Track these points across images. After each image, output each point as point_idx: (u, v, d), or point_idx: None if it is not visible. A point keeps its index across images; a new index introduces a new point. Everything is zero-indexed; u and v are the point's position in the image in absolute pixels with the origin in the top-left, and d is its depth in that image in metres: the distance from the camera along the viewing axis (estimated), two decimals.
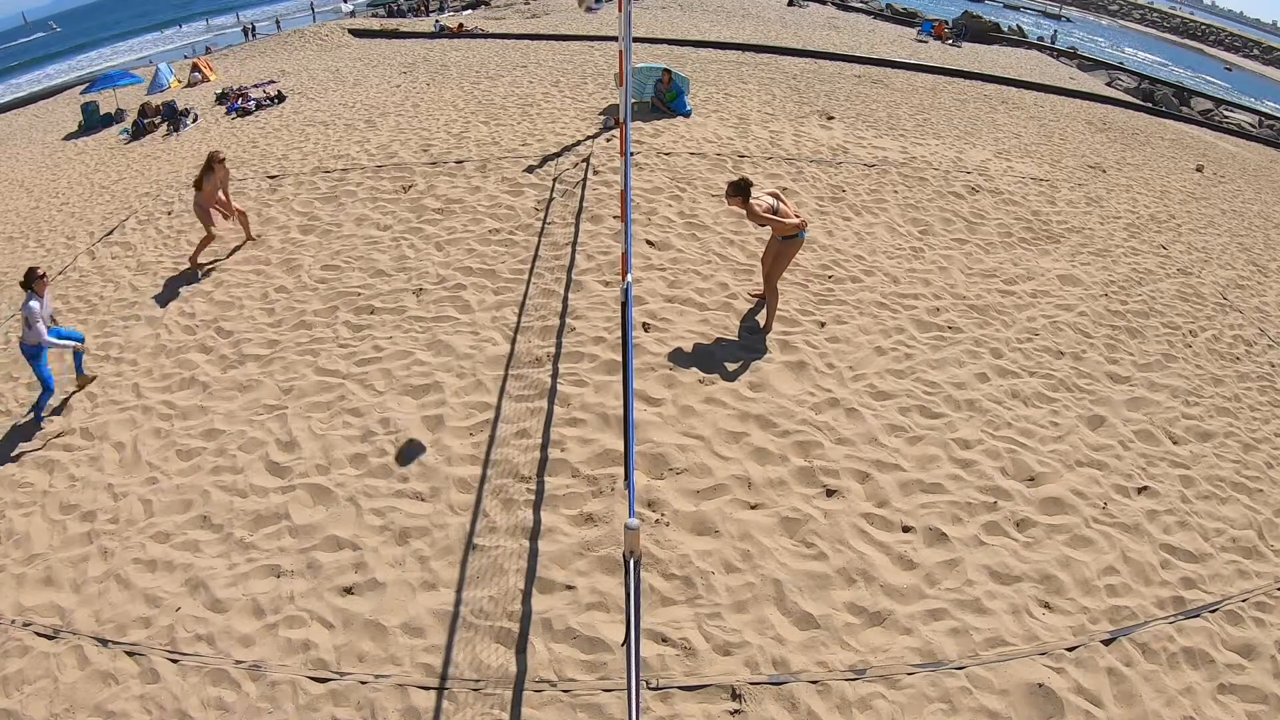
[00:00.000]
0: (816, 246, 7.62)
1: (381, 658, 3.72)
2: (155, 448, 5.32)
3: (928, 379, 5.80)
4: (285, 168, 10.21)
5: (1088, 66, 27.57)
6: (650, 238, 7.49)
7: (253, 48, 26.94)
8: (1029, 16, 54.68)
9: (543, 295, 6.57)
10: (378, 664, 3.70)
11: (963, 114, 14.05)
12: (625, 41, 4.38)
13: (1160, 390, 6.09)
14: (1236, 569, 4.53)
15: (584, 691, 3.54)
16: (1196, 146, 16.10)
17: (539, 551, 4.22)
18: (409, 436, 5.05)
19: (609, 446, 4.88)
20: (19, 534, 4.72)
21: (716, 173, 9.16)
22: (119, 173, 12.23)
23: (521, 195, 8.51)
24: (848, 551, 4.31)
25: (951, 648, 3.82)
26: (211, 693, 3.61)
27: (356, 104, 13.42)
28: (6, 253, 9.48)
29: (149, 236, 8.74)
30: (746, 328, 6.17)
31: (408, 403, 5.41)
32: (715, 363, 5.74)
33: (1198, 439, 5.61)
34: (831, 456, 4.95)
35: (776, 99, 13.18)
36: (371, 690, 3.57)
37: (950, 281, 7.26)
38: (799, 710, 3.50)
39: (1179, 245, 9.10)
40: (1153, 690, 3.73)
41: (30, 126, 19.68)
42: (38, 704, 3.63)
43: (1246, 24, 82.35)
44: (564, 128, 10.79)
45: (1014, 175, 10.41)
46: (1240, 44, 60.68)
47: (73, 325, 7.03)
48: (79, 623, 4.05)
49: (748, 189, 5.50)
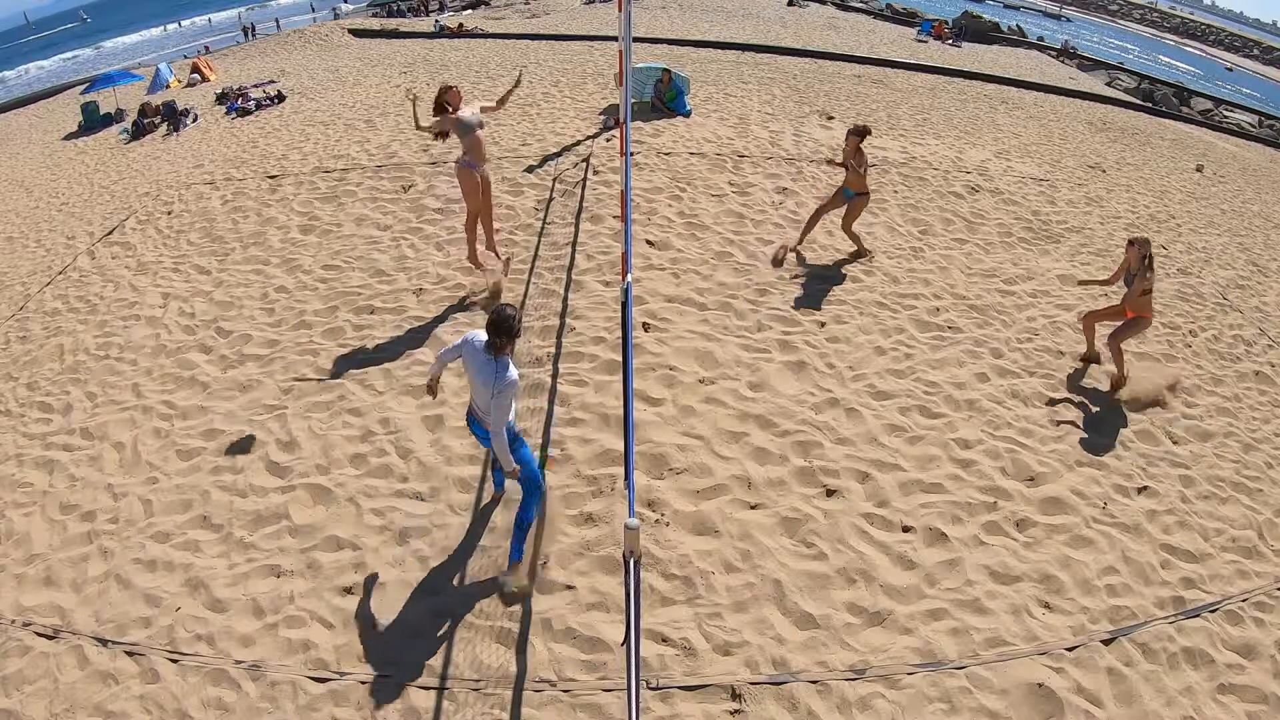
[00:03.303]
0: (817, 246, 7.62)
1: (382, 658, 3.72)
2: (155, 448, 5.31)
3: (928, 379, 5.80)
4: (285, 168, 10.20)
5: (1088, 66, 27.56)
6: (650, 238, 7.49)
7: (252, 48, 26.94)
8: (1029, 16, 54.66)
9: (543, 295, 6.57)
10: (378, 664, 3.70)
11: (963, 114, 14.04)
12: (625, 41, 4.37)
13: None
14: (1236, 569, 4.53)
15: (584, 691, 3.54)
16: (1196, 146, 16.10)
17: (539, 551, 4.22)
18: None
19: (609, 446, 4.88)
20: (19, 534, 4.72)
21: (716, 173, 9.16)
22: (119, 173, 12.23)
23: (521, 195, 8.51)
24: (848, 551, 4.31)
25: (951, 648, 3.82)
26: (211, 693, 3.61)
27: (356, 104, 13.42)
28: (6, 253, 9.48)
29: (149, 236, 8.73)
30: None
31: (408, 403, 5.41)
32: (715, 363, 5.74)
33: (1198, 439, 5.61)
34: (831, 456, 4.95)
35: (776, 99, 13.18)
36: (371, 690, 3.57)
37: (950, 281, 7.25)
38: (799, 710, 3.50)
39: (1179, 245, 9.10)
40: (1153, 690, 3.73)
41: (30, 126, 19.67)
42: (38, 704, 3.63)
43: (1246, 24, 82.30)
44: (564, 128, 10.79)
45: (1014, 175, 10.41)
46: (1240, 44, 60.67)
47: (73, 325, 7.04)
48: (79, 623, 4.05)
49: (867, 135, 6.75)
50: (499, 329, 3.51)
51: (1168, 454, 5.40)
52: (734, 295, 6.63)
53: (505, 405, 3.57)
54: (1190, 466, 5.30)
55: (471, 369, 3.71)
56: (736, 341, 6.01)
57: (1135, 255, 5.52)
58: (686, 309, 6.39)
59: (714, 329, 6.14)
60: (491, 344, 3.55)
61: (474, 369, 3.68)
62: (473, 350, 3.67)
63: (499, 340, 3.53)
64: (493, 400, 3.56)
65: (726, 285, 6.78)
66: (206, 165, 11.14)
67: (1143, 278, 5.49)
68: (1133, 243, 5.57)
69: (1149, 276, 5.49)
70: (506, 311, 3.54)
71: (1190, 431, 5.67)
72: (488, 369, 3.58)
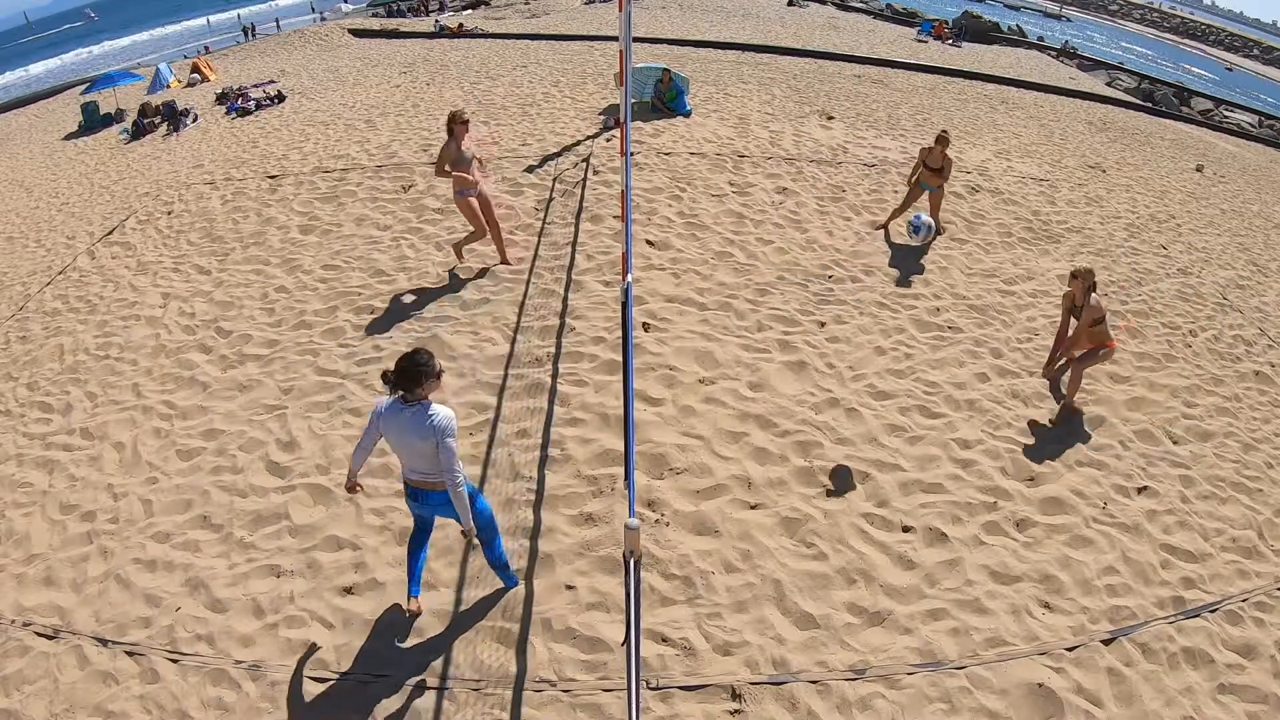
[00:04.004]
0: (817, 246, 7.63)
1: (382, 658, 3.72)
2: (155, 448, 5.31)
3: (928, 379, 5.80)
4: (285, 168, 10.20)
5: (1088, 66, 27.55)
6: (650, 238, 7.49)
7: (253, 48, 26.96)
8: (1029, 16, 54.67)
9: (543, 295, 6.57)
10: (378, 664, 3.70)
11: (963, 114, 14.05)
12: (625, 41, 4.37)
13: (1160, 390, 6.08)
14: (1236, 569, 4.53)
15: (584, 691, 3.54)
16: (1196, 146, 16.10)
17: (539, 551, 4.22)
18: None
19: (609, 446, 4.88)
20: (19, 534, 4.72)
21: (716, 173, 9.16)
22: (119, 173, 12.23)
23: (521, 195, 8.51)
24: (848, 551, 4.31)
25: (951, 648, 3.82)
26: (211, 693, 3.61)
27: (356, 104, 13.42)
28: (6, 253, 9.48)
29: (149, 236, 8.73)
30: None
31: None
32: (715, 363, 5.74)
33: (1198, 439, 5.61)
34: (831, 456, 4.95)
35: (776, 99, 13.18)
36: (371, 690, 3.57)
37: (950, 281, 7.26)
38: (799, 710, 3.50)
39: (1179, 245, 9.10)
40: (1153, 690, 3.73)
41: (30, 126, 19.69)
42: (38, 704, 3.63)
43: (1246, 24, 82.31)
44: (564, 128, 10.79)
45: (1014, 175, 10.41)
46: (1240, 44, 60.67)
47: (73, 325, 7.04)
48: (79, 623, 4.05)
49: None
50: (406, 375, 3.14)
51: (1168, 454, 5.40)
52: (734, 295, 6.63)
53: (453, 449, 3.19)
54: (1190, 466, 5.31)
55: (394, 436, 3.26)
56: (736, 341, 6.01)
57: (1080, 287, 5.33)
58: (686, 309, 6.39)
59: (714, 329, 6.14)
60: (404, 396, 3.19)
61: (398, 433, 3.23)
62: (388, 416, 3.23)
63: (412, 387, 3.15)
64: (440, 452, 3.18)
65: (726, 285, 6.78)
66: (206, 165, 11.15)
67: (1089, 308, 5.26)
68: (1075, 275, 5.38)
69: (1095, 306, 5.26)
70: (417, 356, 3.17)
71: (1190, 431, 5.67)
72: (414, 422, 3.17)
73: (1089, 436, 5.42)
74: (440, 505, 3.41)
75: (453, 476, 3.21)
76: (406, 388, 3.16)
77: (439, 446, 3.17)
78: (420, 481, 3.35)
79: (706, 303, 6.49)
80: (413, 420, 3.17)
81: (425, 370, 3.15)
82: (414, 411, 3.18)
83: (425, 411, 3.17)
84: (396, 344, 6.03)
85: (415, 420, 3.17)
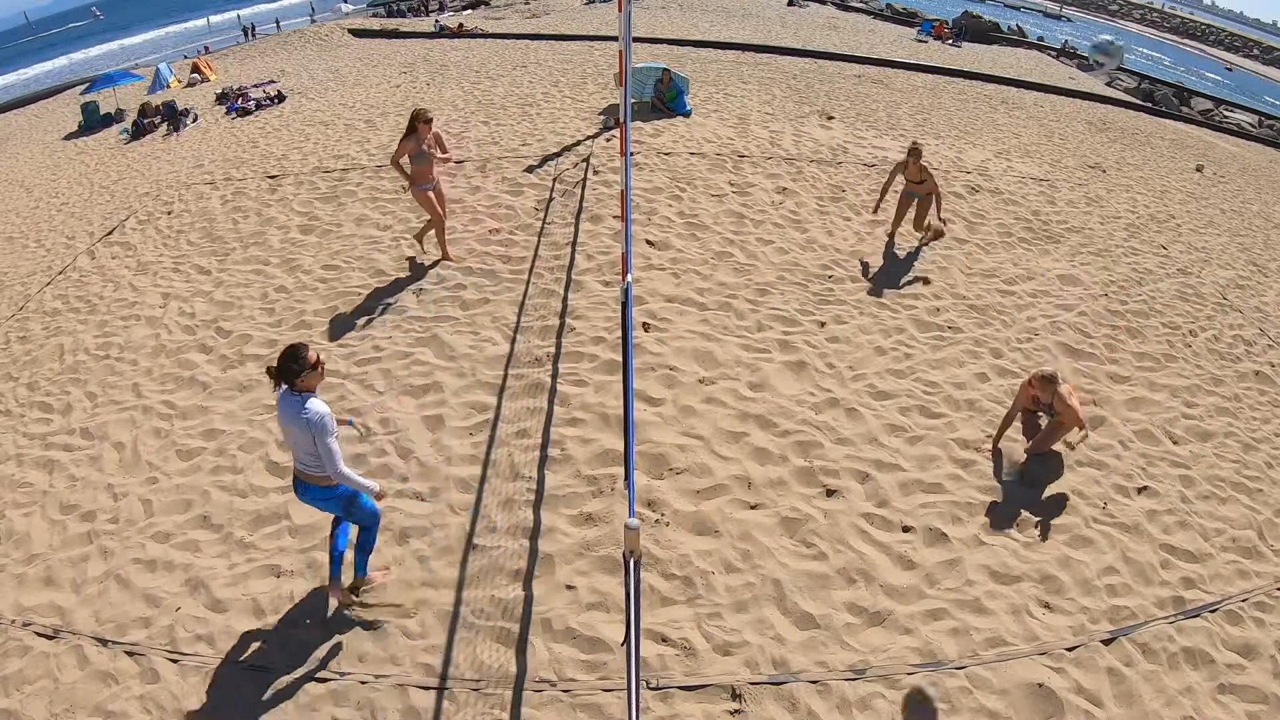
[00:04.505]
0: (817, 246, 7.62)
1: (381, 658, 3.72)
2: (155, 448, 5.31)
3: (928, 379, 5.80)
4: (285, 168, 10.20)
5: (1088, 66, 27.53)
6: (650, 238, 7.49)
7: (253, 48, 26.95)
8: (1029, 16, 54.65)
9: (543, 295, 6.57)
10: (378, 664, 3.70)
11: (963, 114, 14.05)
12: (625, 41, 4.37)
13: (1160, 390, 6.08)
14: (1236, 569, 4.53)
15: (584, 691, 3.54)
16: (1196, 146, 16.10)
17: (539, 551, 4.22)
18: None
19: (609, 446, 4.88)
20: (19, 534, 4.72)
21: (716, 173, 9.16)
22: (119, 173, 12.23)
23: (521, 195, 8.51)
24: (848, 551, 4.31)
25: (951, 648, 3.82)
26: (211, 693, 3.61)
27: (356, 104, 13.42)
28: (6, 253, 9.48)
29: (149, 236, 8.73)
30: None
31: (408, 402, 5.41)
32: (715, 363, 5.74)
33: (1198, 439, 5.61)
34: (831, 456, 4.95)
35: (776, 99, 13.18)
36: (371, 690, 3.57)
37: (950, 281, 7.26)
38: (799, 710, 3.50)
39: (1179, 245, 9.10)
40: (1153, 690, 3.73)
41: (30, 126, 19.68)
42: (38, 704, 3.63)
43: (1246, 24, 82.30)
44: (564, 128, 10.79)
45: (1014, 175, 10.41)
46: (1240, 44, 60.66)
47: (73, 325, 7.04)
48: (79, 623, 4.05)
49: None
50: (282, 366, 3.33)
51: (1168, 454, 5.40)
52: (734, 295, 6.63)
53: (332, 450, 3.36)
54: (1190, 466, 5.30)
55: (281, 422, 3.46)
56: (736, 341, 6.01)
57: (1048, 394, 4.86)
58: (686, 309, 6.39)
59: (714, 329, 6.14)
60: (291, 384, 3.36)
61: (281, 420, 3.44)
62: (280, 404, 3.42)
63: (290, 380, 3.34)
64: (317, 444, 3.35)
65: (726, 285, 6.78)
66: (206, 165, 11.15)
67: (1067, 409, 4.82)
68: (1033, 383, 4.87)
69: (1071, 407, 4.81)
70: (296, 349, 3.34)
71: (1190, 431, 5.67)
72: (290, 410, 3.35)
73: (1088, 437, 5.40)
74: (317, 499, 3.61)
75: (335, 468, 3.39)
76: (288, 381, 3.37)
77: (317, 444, 3.36)
78: (300, 471, 3.55)
79: (706, 303, 6.49)
80: (290, 408, 3.38)
81: (296, 362, 3.33)
82: (293, 400, 3.39)
83: (302, 403, 3.36)
84: (396, 344, 6.04)
85: (293, 409, 3.37)
